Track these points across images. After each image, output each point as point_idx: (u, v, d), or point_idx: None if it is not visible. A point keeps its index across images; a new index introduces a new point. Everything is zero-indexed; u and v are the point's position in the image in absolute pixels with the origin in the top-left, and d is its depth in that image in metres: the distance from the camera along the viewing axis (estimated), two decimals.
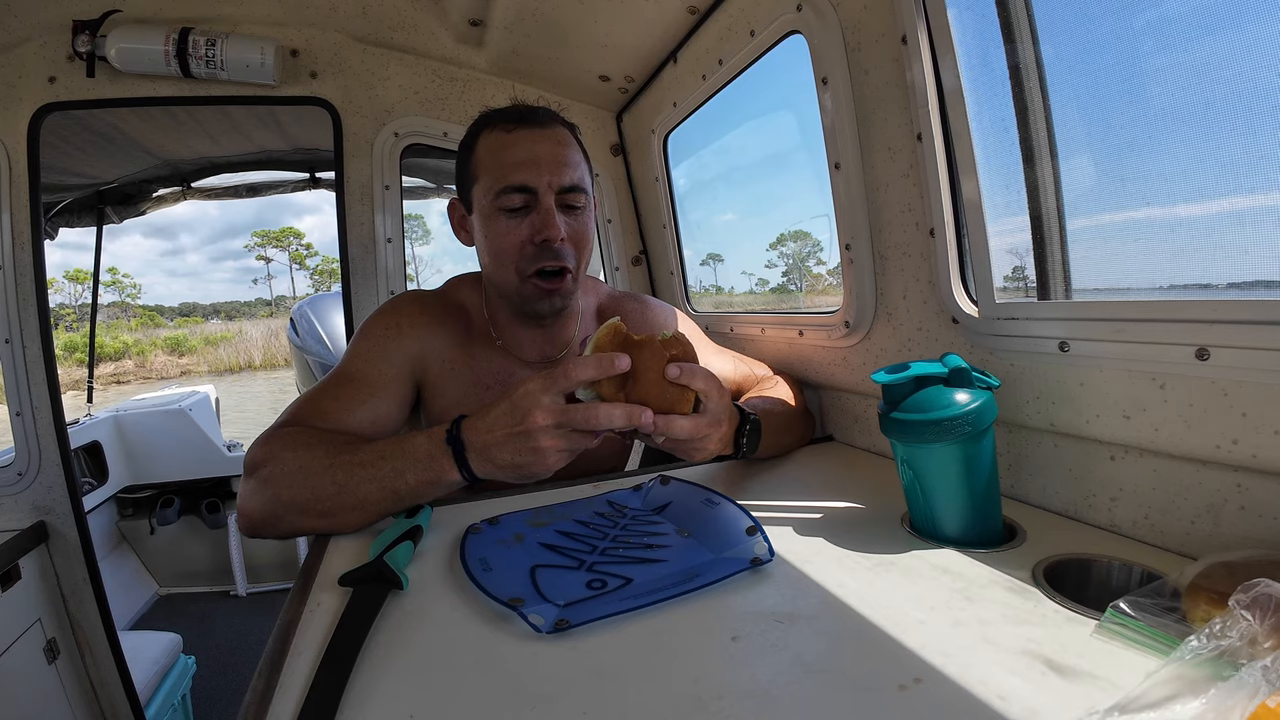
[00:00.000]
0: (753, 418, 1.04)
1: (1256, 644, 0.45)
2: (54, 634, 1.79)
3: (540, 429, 0.83)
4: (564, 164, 1.11)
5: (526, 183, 1.08)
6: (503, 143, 1.11)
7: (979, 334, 0.97)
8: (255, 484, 0.95)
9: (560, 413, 0.83)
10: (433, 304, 1.23)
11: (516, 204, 1.09)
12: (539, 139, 1.11)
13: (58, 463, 1.76)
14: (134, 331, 43.80)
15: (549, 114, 1.16)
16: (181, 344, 35.72)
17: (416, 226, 52.65)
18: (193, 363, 32.82)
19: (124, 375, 30.39)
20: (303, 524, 0.93)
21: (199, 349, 34.65)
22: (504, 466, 0.87)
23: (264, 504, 0.93)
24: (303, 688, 0.58)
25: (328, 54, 1.93)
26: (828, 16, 1.14)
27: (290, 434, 0.99)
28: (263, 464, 0.95)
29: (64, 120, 1.92)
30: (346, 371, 1.13)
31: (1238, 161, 0.69)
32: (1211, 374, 0.68)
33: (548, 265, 1.10)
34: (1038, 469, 0.92)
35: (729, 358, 1.41)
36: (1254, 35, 0.66)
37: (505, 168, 1.09)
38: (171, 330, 43.88)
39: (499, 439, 0.86)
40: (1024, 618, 0.63)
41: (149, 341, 36.50)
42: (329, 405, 1.06)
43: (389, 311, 1.21)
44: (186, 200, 3.17)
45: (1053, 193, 0.91)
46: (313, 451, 0.94)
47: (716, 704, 0.53)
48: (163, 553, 3.67)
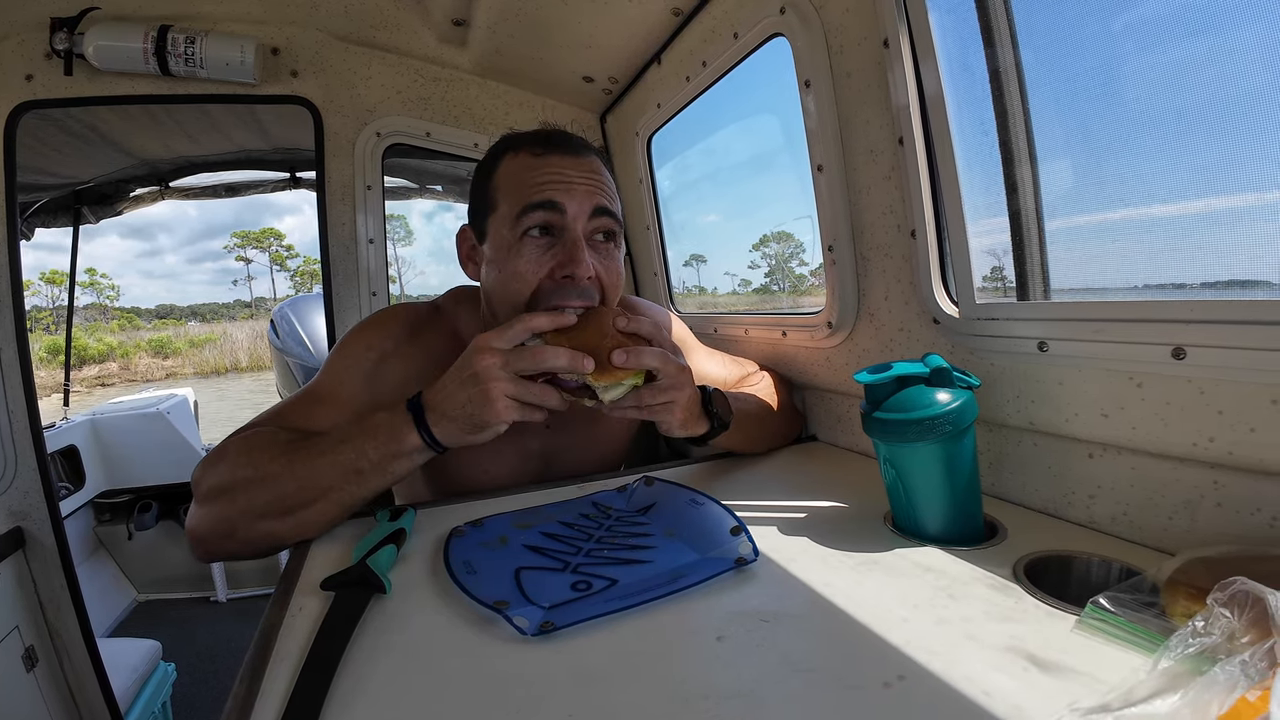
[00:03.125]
0: (709, 390, 1.04)
1: (1235, 639, 0.46)
2: (32, 641, 1.76)
3: (486, 370, 0.85)
4: (597, 191, 1.00)
5: (556, 199, 0.97)
6: (530, 165, 1.00)
7: (960, 334, 0.98)
8: (204, 497, 0.90)
9: (505, 354, 0.86)
10: (423, 326, 1.13)
11: (541, 222, 0.98)
12: (573, 165, 1.00)
13: (34, 467, 1.73)
14: (116, 333, 43.27)
15: (585, 144, 1.06)
16: (166, 346, 35.27)
17: (399, 227, 52.39)
18: (177, 365, 32.38)
19: (108, 377, 29.94)
20: (262, 530, 0.89)
21: (183, 351, 34.20)
22: (456, 418, 0.87)
23: (216, 519, 0.89)
24: (285, 694, 0.57)
25: (309, 52, 1.91)
26: (810, 20, 1.15)
27: (243, 440, 0.95)
28: (211, 476, 0.91)
29: (40, 119, 1.88)
30: (319, 391, 1.06)
31: (1212, 164, 0.70)
32: (1188, 373, 0.69)
33: (570, 305, 0.96)
34: (1018, 467, 0.93)
35: (720, 359, 1.42)
36: (1229, 40, 0.68)
37: (531, 187, 0.98)
38: (152, 332, 43.36)
39: (450, 390, 0.87)
40: (1006, 614, 0.63)
41: (132, 344, 36.07)
42: (295, 421, 1.01)
43: (373, 329, 1.11)
44: (164, 200, 3.13)
45: (1032, 195, 0.92)
46: (267, 452, 0.91)
47: (702, 704, 0.53)
48: (141, 558, 3.61)
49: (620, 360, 0.88)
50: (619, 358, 0.88)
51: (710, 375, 1.36)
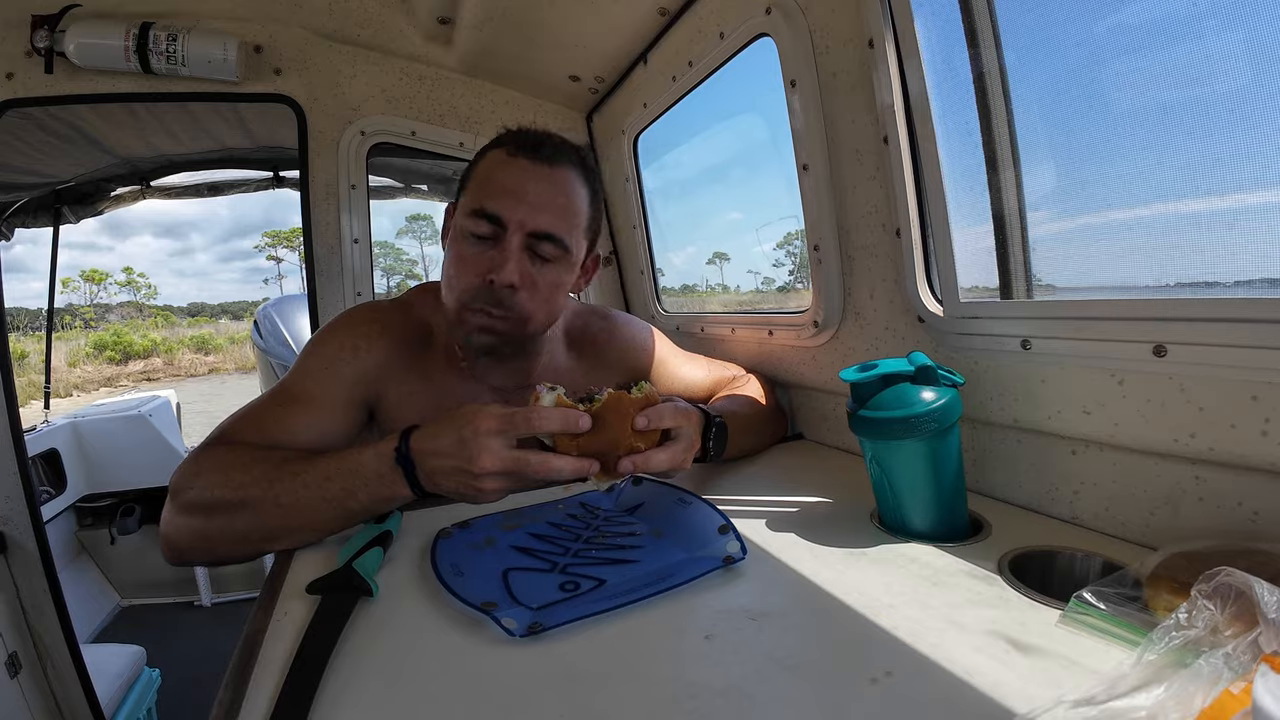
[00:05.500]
0: (718, 421, 1.02)
1: (1219, 632, 0.47)
2: (15, 648, 1.73)
3: (486, 473, 0.80)
4: (547, 208, 1.02)
5: (498, 212, 1.00)
6: (500, 164, 1.03)
7: (944, 333, 0.98)
8: (182, 509, 0.88)
9: (509, 460, 0.80)
10: (394, 321, 1.14)
11: (483, 231, 1.01)
12: (534, 175, 1.02)
13: (15, 471, 1.70)
14: (160, 330, 43.42)
15: (561, 149, 1.06)
16: (207, 342, 35.41)
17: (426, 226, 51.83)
18: (219, 360, 32.55)
19: (154, 372, 30.15)
20: (239, 552, 0.88)
21: (224, 347, 34.23)
22: (447, 491, 0.85)
23: (195, 534, 0.87)
24: (271, 698, 0.57)
25: (292, 50, 1.89)
26: (796, 20, 1.15)
27: (221, 455, 0.92)
28: (190, 487, 0.88)
29: (20, 117, 1.86)
30: (292, 389, 1.04)
31: (1194, 164, 0.71)
32: (1169, 370, 0.70)
33: (489, 309, 1.02)
34: (1002, 464, 0.94)
35: (701, 364, 1.40)
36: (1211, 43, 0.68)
37: (487, 191, 1.02)
38: (186, 330, 43.44)
39: (445, 469, 0.82)
40: (991, 608, 0.64)
41: (175, 340, 36.18)
42: (269, 424, 0.99)
43: (344, 328, 1.11)
44: (145, 199, 3.09)
45: (1015, 194, 0.93)
46: (249, 473, 0.87)
47: (691, 703, 0.53)
48: (124, 563, 3.56)
49: (627, 468, 0.85)
50: (626, 465, 0.85)
51: (692, 381, 1.36)
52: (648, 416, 0.86)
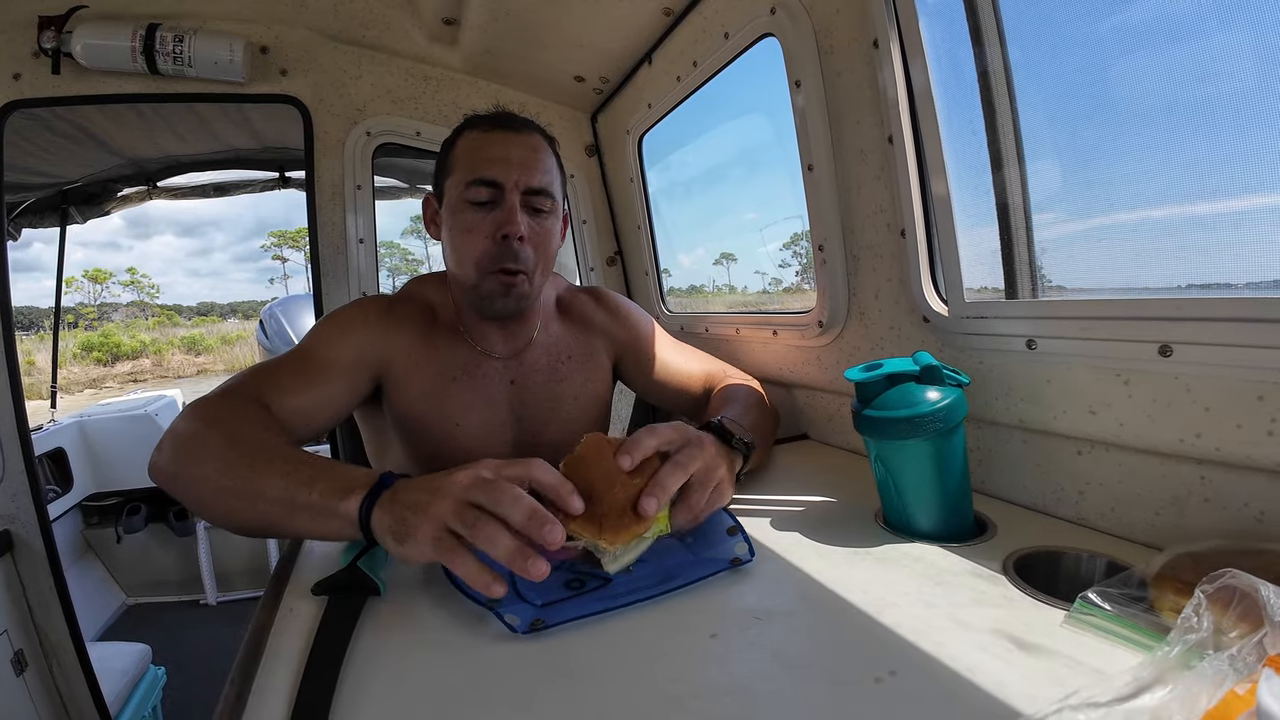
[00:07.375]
0: (745, 441, 0.96)
1: (1223, 633, 0.46)
2: (21, 645, 1.74)
3: (434, 516, 0.69)
4: (534, 167, 1.13)
5: (495, 177, 1.11)
6: (480, 142, 1.15)
7: (949, 332, 0.98)
8: (174, 435, 0.88)
9: (462, 516, 0.68)
10: (399, 302, 1.24)
11: (483, 197, 1.11)
12: (513, 142, 1.14)
13: (21, 470, 1.71)
14: (151, 330, 43.48)
15: (527, 122, 1.20)
16: (198, 343, 35.41)
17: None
18: (209, 361, 32.47)
19: (141, 374, 30.08)
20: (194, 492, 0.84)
21: (215, 348, 34.18)
22: (384, 528, 0.72)
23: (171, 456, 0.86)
24: (279, 696, 0.57)
25: (298, 51, 1.90)
26: (800, 20, 1.15)
27: (230, 407, 0.93)
28: (192, 420, 0.89)
29: (27, 118, 1.87)
30: (304, 351, 1.11)
31: (1200, 163, 0.71)
32: (1175, 370, 0.70)
33: (508, 265, 1.11)
34: (1007, 464, 0.94)
35: (696, 356, 1.39)
36: (1217, 42, 0.68)
37: (477, 163, 1.12)
38: (189, 329, 43.45)
39: (409, 501, 0.72)
40: (996, 608, 0.64)
41: (166, 340, 36.18)
42: (283, 380, 1.04)
43: (356, 305, 1.23)
44: (152, 200, 3.10)
45: (1020, 194, 0.93)
46: (251, 428, 0.88)
47: (695, 703, 0.53)
48: (130, 562, 3.58)
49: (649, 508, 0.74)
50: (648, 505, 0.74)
51: (686, 371, 1.35)
52: (627, 451, 0.76)
